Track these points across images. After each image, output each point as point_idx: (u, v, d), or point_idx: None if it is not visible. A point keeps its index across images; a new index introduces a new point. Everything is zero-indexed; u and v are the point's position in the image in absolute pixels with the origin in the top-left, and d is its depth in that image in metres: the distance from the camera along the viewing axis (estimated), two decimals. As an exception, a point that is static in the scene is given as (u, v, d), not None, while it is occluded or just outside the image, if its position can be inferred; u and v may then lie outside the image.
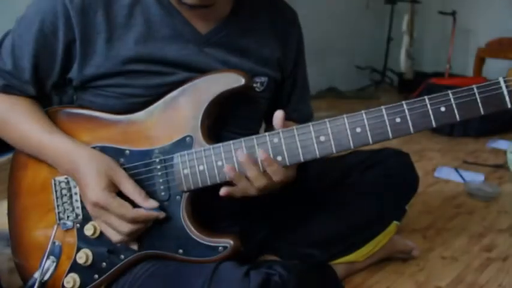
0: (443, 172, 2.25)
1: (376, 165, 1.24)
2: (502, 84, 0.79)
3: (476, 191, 1.96)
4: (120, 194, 0.88)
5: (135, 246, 0.91)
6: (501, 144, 2.77)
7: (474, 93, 0.80)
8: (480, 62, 3.73)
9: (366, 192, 1.21)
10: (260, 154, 0.85)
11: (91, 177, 0.87)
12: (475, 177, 2.15)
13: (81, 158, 0.89)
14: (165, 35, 0.93)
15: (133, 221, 0.86)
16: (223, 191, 0.87)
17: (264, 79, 1.02)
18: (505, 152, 2.47)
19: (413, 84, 3.81)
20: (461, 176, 2.19)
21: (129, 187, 0.88)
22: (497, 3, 4.30)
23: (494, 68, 3.63)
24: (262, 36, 1.03)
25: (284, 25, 1.07)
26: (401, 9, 4.67)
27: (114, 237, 0.88)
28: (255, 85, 1.01)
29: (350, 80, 4.72)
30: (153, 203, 0.88)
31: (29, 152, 0.96)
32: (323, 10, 4.36)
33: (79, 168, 0.88)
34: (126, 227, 0.86)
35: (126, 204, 0.86)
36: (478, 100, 0.80)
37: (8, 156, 1.02)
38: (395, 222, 1.24)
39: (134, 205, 0.87)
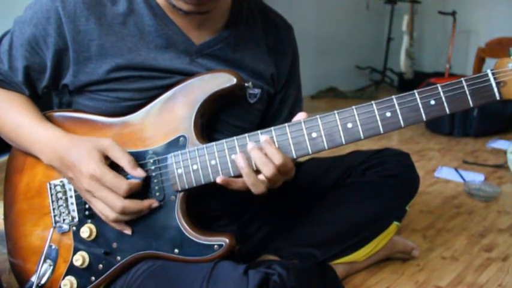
0: (443, 172, 2.25)
1: (377, 165, 1.23)
2: (490, 77, 0.80)
3: (476, 191, 1.96)
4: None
5: (128, 231, 0.91)
6: (501, 144, 2.77)
7: (463, 86, 0.80)
8: (480, 62, 3.72)
9: (366, 193, 1.21)
10: (261, 137, 0.84)
11: (83, 155, 0.87)
12: (475, 177, 2.15)
13: (71, 140, 0.90)
14: (158, 44, 0.93)
15: (126, 193, 0.86)
16: (219, 179, 0.85)
17: (257, 91, 1.02)
18: (505, 152, 2.47)
19: (413, 84, 3.81)
20: (461, 176, 2.18)
21: (119, 154, 0.88)
22: (497, 3, 4.30)
23: (494, 67, 3.63)
24: (257, 51, 1.03)
25: (279, 40, 1.07)
26: (401, 9, 4.68)
27: (109, 214, 0.87)
28: (250, 92, 1.00)
29: (350, 80, 4.73)
30: (141, 172, 0.88)
31: (19, 142, 0.96)
32: (323, 10, 4.37)
33: (69, 151, 0.88)
34: (120, 202, 0.86)
35: (121, 176, 0.86)
36: (467, 92, 0.80)
37: (5, 158, 1.02)
38: (395, 223, 1.24)
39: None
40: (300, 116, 0.86)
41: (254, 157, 0.84)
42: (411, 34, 4.47)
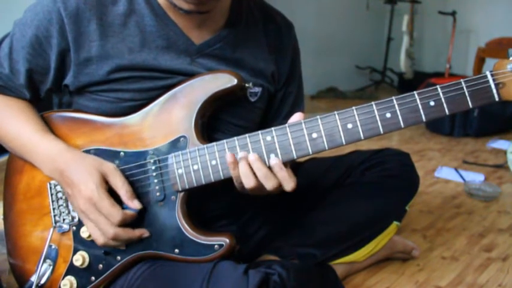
0: (443, 172, 2.25)
1: (377, 165, 1.23)
2: (489, 78, 0.80)
3: (476, 191, 1.96)
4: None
5: (122, 247, 0.91)
6: (501, 144, 2.77)
7: (462, 87, 0.81)
8: (480, 62, 3.72)
9: (366, 193, 1.21)
10: (271, 160, 0.84)
11: (84, 174, 0.86)
12: (475, 177, 2.15)
13: (73, 156, 0.90)
14: (158, 45, 0.93)
15: (119, 223, 0.86)
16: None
17: (258, 89, 1.02)
18: (505, 152, 2.47)
19: (413, 84, 3.82)
20: (461, 176, 2.18)
21: (119, 183, 0.88)
22: (497, 3, 4.30)
23: (494, 68, 3.63)
24: (258, 49, 1.03)
25: (280, 38, 1.07)
26: (401, 9, 4.68)
27: (99, 238, 0.88)
28: (251, 90, 1.00)
29: (350, 80, 4.73)
30: (137, 204, 0.88)
31: (19, 152, 0.96)
32: (323, 10, 4.37)
33: (70, 166, 0.88)
34: (112, 230, 0.86)
35: (117, 205, 0.86)
36: (466, 94, 0.81)
37: (5, 158, 1.02)
38: (395, 223, 1.24)
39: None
40: (297, 117, 0.86)
41: (258, 171, 0.84)
42: (411, 34, 4.47)
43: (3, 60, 0.96)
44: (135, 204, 0.88)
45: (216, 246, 0.89)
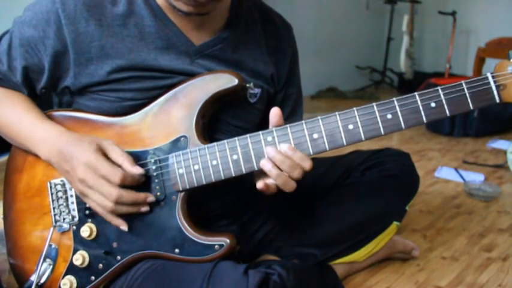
0: (443, 172, 2.25)
1: (377, 165, 1.23)
2: (490, 80, 0.81)
3: (476, 191, 1.96)
4: None
5: (124, 227, 0.90)
6: (501, 144, 2.77)
7: (463, 89, 0.81)
8: (480, 62, 3.73)
9: (366, 193, 1.21)
10: (282, 147, 0.84)
11: (83, 145, 0.87)
12: (475, 177, 2.15)
13: (73, 137, 0.90)
14: (158, 46, 0.93)
15: (120, 182, 0.85)
16: (260, 185, 0.86)
17: (257, 91, 1.02)
18: (505, 152, 2.47)
19: (413, 84, 3.83)
20: (461, 176, 2.18)
21: (117, 153, 0.87)
22: (497, 3, 4.31)
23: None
24: (257, 50, 1.03)
25: (279, 40, 1.08)
26: (401, 9, 4.68)
27: (105, 203, 0.86)
28: (250, 91, 1.00)
29: (350, 80, 4.74)
30: (140, 170, 0.87)
31: (18, 139, 0.95)
32: (323, 10, 4.37)
33: (70, 144, 0.88)
34: (115, 190, 0.85)
35: (116, 165, 0.86)
36: (467, 95, 0.81)
37: (5, 158, 1.02)
38: (395, 223, 1.24)
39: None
40: (275, 112, 0.86)
41: (281, 164, 0.84)
42: (411, 34, 4.47)
43: (1, 56, 0.96)
44: (137, 169, 0.87)
45: (216, 246, 0.89)
